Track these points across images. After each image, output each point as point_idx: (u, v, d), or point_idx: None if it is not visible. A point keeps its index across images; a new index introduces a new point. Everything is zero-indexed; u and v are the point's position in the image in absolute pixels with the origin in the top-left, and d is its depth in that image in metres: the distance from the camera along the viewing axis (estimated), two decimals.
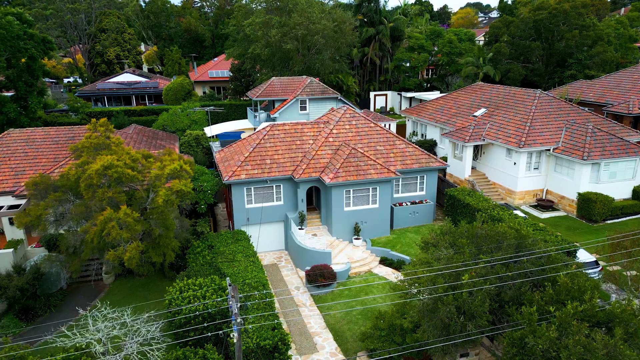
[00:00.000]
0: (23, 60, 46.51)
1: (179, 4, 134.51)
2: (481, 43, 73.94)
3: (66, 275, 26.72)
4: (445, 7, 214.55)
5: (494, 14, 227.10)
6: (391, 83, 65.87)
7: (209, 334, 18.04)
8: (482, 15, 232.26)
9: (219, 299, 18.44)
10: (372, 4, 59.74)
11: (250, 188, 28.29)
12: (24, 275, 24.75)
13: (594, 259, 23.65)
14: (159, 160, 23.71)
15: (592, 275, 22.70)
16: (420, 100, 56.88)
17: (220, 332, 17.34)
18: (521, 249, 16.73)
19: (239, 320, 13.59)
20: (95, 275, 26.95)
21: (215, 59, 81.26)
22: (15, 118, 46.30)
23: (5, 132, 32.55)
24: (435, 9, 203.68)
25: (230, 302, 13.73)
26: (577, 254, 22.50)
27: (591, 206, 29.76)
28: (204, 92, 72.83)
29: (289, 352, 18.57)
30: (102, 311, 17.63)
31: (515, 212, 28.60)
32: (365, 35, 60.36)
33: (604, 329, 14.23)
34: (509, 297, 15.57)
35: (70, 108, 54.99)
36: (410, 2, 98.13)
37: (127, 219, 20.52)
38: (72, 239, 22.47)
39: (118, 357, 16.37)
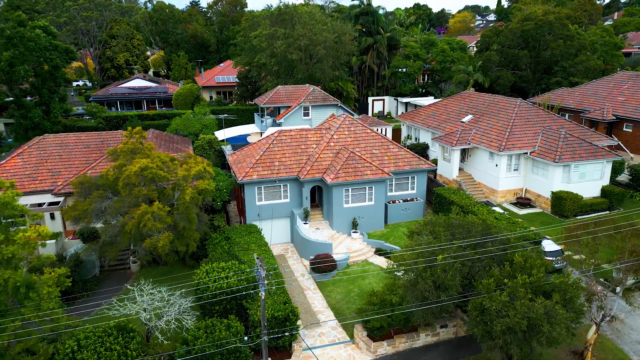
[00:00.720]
0: (46, 67, 50.24)
1: (184, 9, 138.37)
2: (475, 50, 77.61)
3: (99, 264, 30.57)
4: (442, 10, 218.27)
5: (492, 17, 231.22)
6: (388, 88, 69.70)
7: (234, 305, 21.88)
8: (479, 18, 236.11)
9: (241, 278, 22.28)
10: (369, 16, 63.62)
11: (261, 187, 32.14)
12: (65, 263, 28.58)
13: (559, 248, 27.49)
14: (185, 162, 27.56)
15: (557, 261, 26.64)
16: (415, 106, 60.71)
17: (252, 292, 21.17)
18: (488, 236, 20.56)
19: (265, 282, 17.46)
20: (122, 264, 30.78)
21: (221, 64, 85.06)
22: (39, 122, 50.15)
23: (41, 137, 36.35)
24: (435, 10, 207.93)
25: (258, 271, 17.56)
26: (542, 243, 26.36)
27: (563, 203, 33.62)
28: (211, 97, 76.68)
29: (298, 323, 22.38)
30: (144, 288, 21.48)
31: (495, 208, 32.47)
32: (364, 45, 64.26)
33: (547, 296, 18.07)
34: (475, 273, 19.41)
35: (87, 113, 58.82)
36: (409, 6, 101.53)
37: (160, 212, 24.38)
38: (111, 230, 26.32)
39: (160, 323, 20.23)
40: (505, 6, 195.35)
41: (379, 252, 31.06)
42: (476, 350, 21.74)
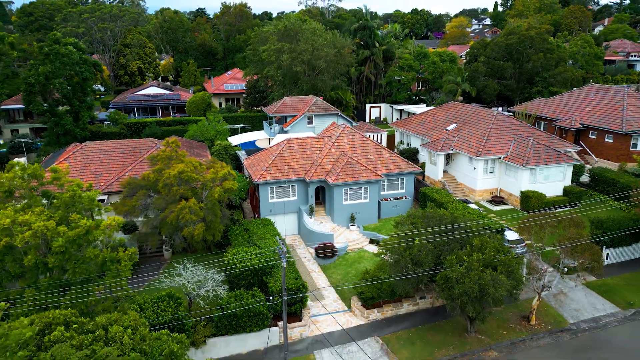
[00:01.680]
0: (76, 79, 56.05)
1: (188, 14, 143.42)
2: (465, 60, 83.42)
3: (138, 251, 36.43)
4: (440, 16, 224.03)
5: (488, 21, 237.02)
6: (385, 96, 75.59)
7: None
8: (475, 22, 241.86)
9: (261, 259, 28.20)
10: (366, 31, 69.54)
11: (273, 187, 38.03)
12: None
13: (521, 238, 33.36)
14: (212, 166, 33.43)
15: (518, 247, 32.47)
16: (409, 113, 66.58)
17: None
18: (454, 225, 26.46)
19: (286, 255, 23.40)
20: (156, 252, 36.64)
21: (229, 72, 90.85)
22: (70, 129, 56.06)
23: (83, 144, 42.23)
24: (437, 13, 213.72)
25: (280, 246, 23.47)
26: (505, 233, 32.25)
27: (529, 201, 39.53)
28: (220, 104, 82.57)
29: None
30: (187, 266, 27.39)
31: (471, 205, 38.36)
32: (361, 57, 70.15)
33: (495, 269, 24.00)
34: (444, 253, 25.33)
35: (111, 119, 64.69)
36: (409, 8, 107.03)
37: (195, 207, 30.27)
38: (152, 222, 32.22)
39: (201, 292, 26.13)
40: (501, 10, 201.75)
41: (373, 241, 36.92)
42: (448, 317, 27.64)
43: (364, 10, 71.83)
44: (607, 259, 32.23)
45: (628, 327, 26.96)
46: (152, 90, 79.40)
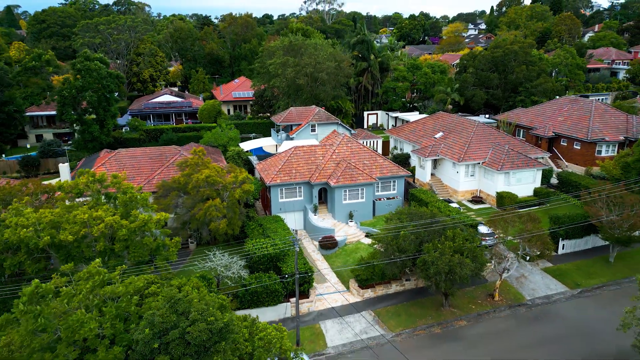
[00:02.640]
0: (102, 91, 62.22)
1: (193, 19, 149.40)
2: (456, 69, 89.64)
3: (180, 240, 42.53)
4: (437, 21, 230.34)
5: (483, 26, 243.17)
6: (381, 104, 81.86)
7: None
8: (471, 26, 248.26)
9: (278, 248, 34.48)
10: (364, 44, 75.89)
11: (283, 188, 44.28)
12: None
13: (492, 231, 39.59)
14: (232, 171, 39.65)
15: (489, 240, 38.67)
16: (403, 120, 72.86)
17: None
18: (432, 219, 32.73)
19: (298, 241, 29.59)
20: (183, 244, 42.89)
21: (237, 80, 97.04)
22: (97, 136, 62.30)
23: (117, 151, 48.48)
24: (438, 16, 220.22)
25: (294, 235, 29.69)
26: (479, 228, 38.50)
27: (503, 200, 45.78)
28: (228, 111, 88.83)
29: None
30: (216, 254, 33.65)
31: (452, 204, 44.59)
32: (359, 68, 76.44)
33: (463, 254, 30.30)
34: (424, 242, 31.59)
35: (131, 126, 70.95)
36: (407, 12, 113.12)
37: (219, 205, 36.53)
38: (182, 218, 38.46)
39: (228, 274, 32.37)
40: (496, 15, 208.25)
41: (368, 235, 43.15)
42: (428, 295, 33.86)
43: (364, 30, 78.14)
44: (562, 248, 38.55)
45: (574, 303, 33.25)
46: (166, 97, 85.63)
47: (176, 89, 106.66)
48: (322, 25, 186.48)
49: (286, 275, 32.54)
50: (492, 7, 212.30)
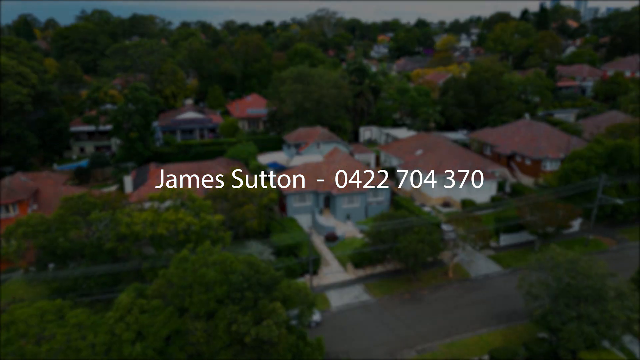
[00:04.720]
0: (144, 114, 75.94)
1: (200, 28, 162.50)
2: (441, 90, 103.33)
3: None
4: (430, 32, 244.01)
5: (475, 37, 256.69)
6: (375, 120, 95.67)
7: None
8: (464, 36, 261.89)
9: (295, 240, 48.28)
10: (360, 71, 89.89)
11: (296, 196, 58.05)
12: None
13: (452, 229, 53.32)
14: (259, 183, 53.36)
15: (450, 235, 52.39)
16: (391, 136, 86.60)
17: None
18: (404, 219, 46.50)
19: (310, 235, 43.31)
20: None
21: (249, 97, 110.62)
22: (141, 151, 76.01)
23: (165, 165, 62.18)
24: (437, 20, 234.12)
25: (309, 232, 43.43)
26: (442, 226, 52.29)
27: (466, 205, 59.56)
28: (243, 126, 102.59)
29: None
30: (253, 244, 47.39)
31: (425, 208, 58.33)
32: (356, 91, 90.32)
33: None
34: (399, 235, 45.38)
35: (165, 142, 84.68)
36: (406, 16, 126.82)
37: (252, 209, 50.27)
38: (225, 218, 52.16)
39: (263, 258, 46.07)
40: (485, 31, 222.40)
41: (362, 232, 56.82)
42: (402, 274, 47.60)
43: (361, 59, 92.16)
44: (503, 241, 52.38)
45: (505, 278, 47.07)
46: (190, 115, 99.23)
47: (191, 101, 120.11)
48: (323, 39, 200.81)
49: (303, 258, 46.31)
50: (482, 21, 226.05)
